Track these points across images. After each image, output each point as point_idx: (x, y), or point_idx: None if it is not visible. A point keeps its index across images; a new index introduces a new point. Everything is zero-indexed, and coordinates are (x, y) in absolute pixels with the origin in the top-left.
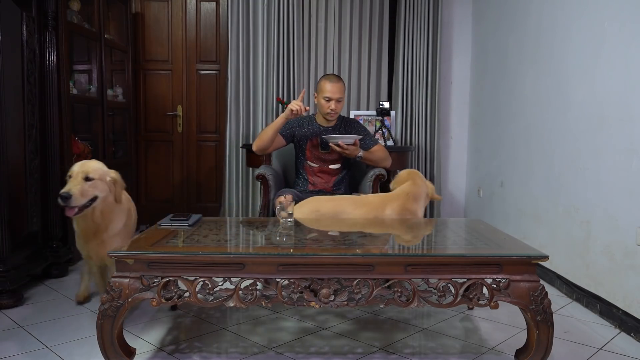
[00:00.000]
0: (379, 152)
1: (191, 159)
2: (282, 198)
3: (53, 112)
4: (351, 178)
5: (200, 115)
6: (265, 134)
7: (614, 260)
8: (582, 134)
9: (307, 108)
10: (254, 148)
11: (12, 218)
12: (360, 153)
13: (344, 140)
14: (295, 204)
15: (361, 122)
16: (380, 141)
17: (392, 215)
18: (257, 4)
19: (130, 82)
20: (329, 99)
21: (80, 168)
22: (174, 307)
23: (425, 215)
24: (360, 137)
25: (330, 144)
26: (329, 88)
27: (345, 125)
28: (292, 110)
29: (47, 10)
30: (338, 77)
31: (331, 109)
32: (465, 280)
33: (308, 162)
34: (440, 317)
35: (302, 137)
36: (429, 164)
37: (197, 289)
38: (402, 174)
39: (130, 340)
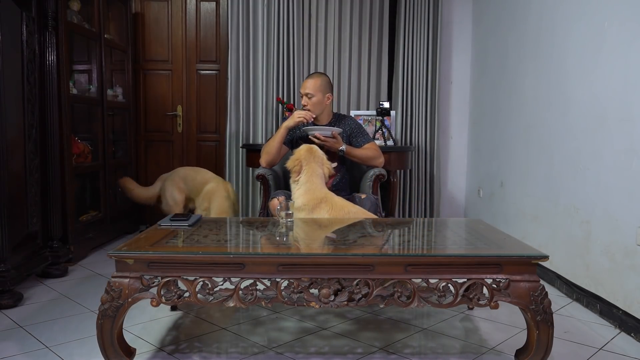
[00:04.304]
0: (368, 150)
1: (191, 159)
2: (275, 200)
3: (53, 112)
4: (351, 178)
5: (200, 115)
6: (271, 147)
7: (614, 260)
8: (582, 134)
9: (313, 116)
10: (264, 164)
11: (12, 218)
12: (343, 147)
13: (321, 132)
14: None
15: (361, 121)
16: (379, 141)
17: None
18: (257, 4)
19: (130, 82)
20: (302, 95)
21: None
22: (174, 307)
23: (425, 215)
24: (340, 130)
25: (309, 135)
26: (303, 84)
27: (339, 121)
28: (295, 120)
29: (47, 10)
30: (319, 74)
31: (303, 105)
32: (465, 280)
33: None
34: (440, 317)
35: (300, 135)
36: (429, 164)
37: (197, 289)
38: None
39: (130, 340)
